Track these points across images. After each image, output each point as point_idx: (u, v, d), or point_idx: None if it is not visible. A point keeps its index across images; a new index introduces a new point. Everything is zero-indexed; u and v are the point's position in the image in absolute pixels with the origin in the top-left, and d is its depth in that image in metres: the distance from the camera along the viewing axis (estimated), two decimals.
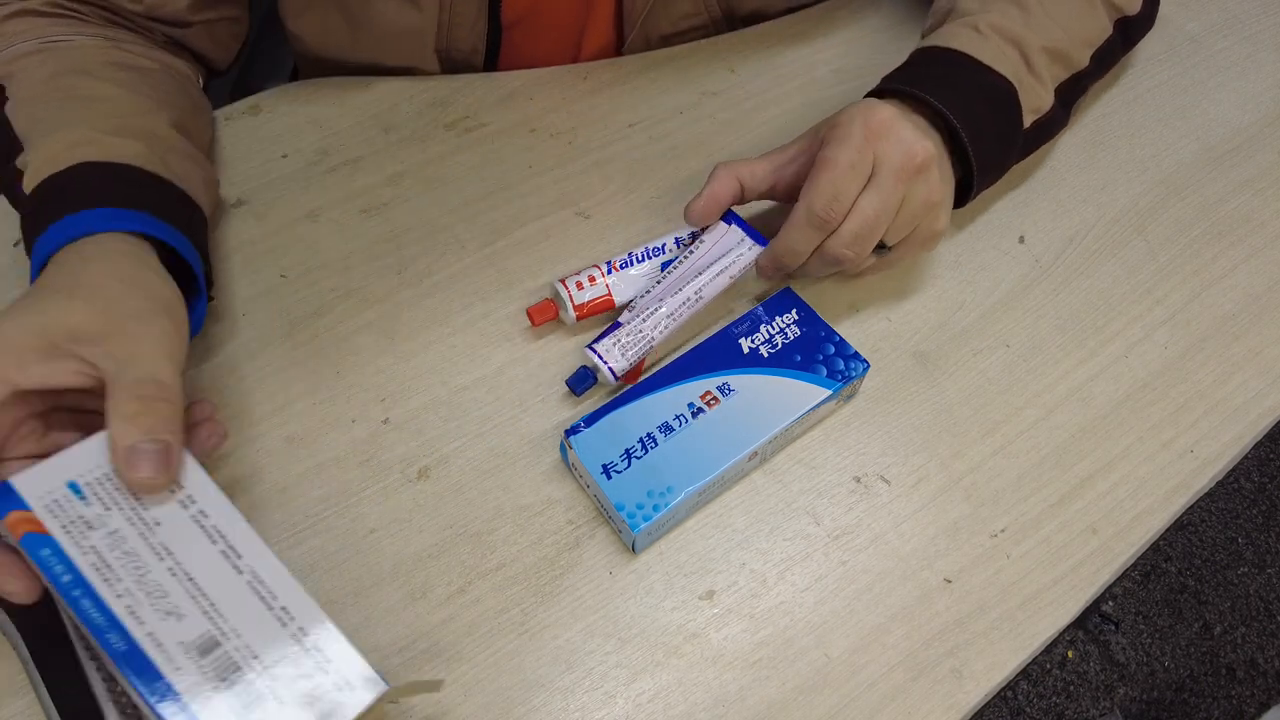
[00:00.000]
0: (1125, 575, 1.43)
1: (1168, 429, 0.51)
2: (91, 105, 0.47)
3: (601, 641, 0.43)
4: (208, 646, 0.34)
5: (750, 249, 0.51)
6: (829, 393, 0.47)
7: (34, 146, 0.45)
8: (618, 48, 0.66)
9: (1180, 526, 1.47)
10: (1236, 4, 0.71)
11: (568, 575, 0.45)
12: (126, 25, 0.54)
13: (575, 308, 0.50)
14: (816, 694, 0.43)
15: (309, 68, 0.66)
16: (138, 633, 0.34)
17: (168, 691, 0.33)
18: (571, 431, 0.45)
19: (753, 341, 0.48)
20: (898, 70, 0.54)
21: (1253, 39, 0.69)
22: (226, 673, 0.34)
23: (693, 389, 0.47)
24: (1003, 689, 0.76)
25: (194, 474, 0.38)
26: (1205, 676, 1.35)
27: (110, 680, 0.40)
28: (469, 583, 0.45)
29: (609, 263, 0.52)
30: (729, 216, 0.52)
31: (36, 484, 0.36)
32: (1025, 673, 1.33)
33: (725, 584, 0.45)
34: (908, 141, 0.46)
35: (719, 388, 0.47)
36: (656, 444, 0.45)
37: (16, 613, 0.41)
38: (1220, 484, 1.43)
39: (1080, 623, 1.39)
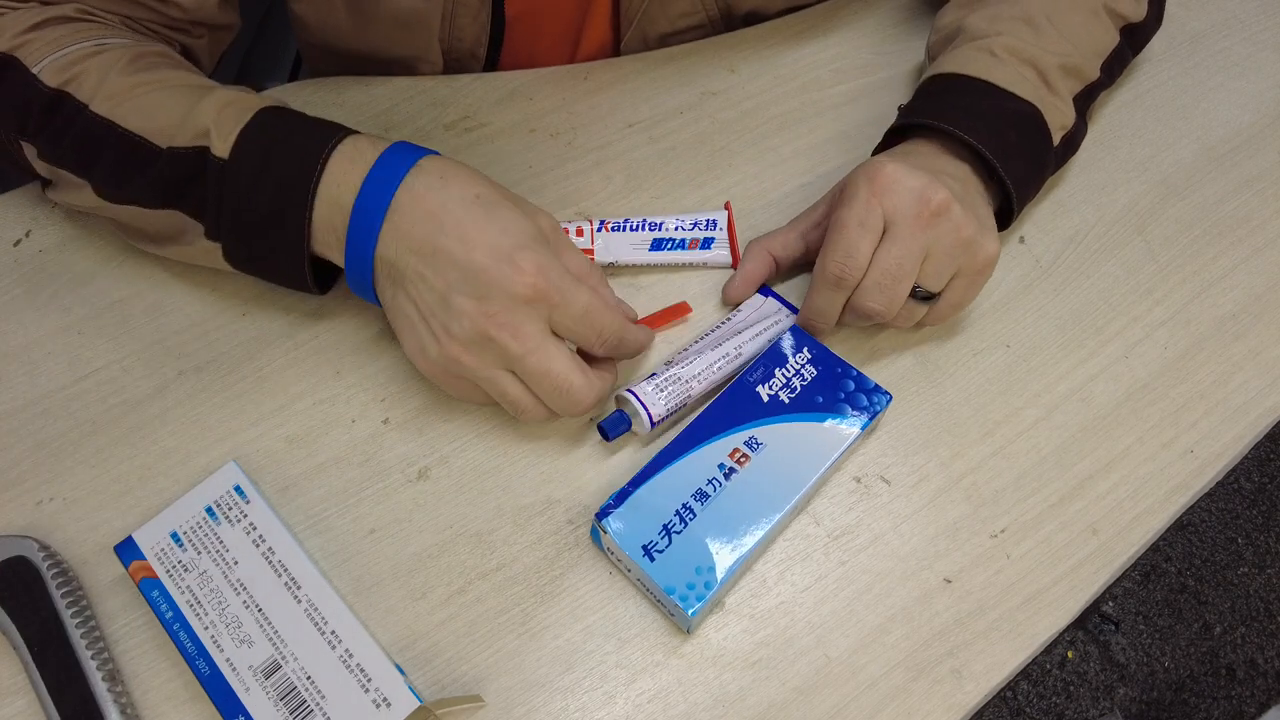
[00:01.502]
0: (1125, 575, 1.43)
1: (1168, 429, 0.51)
2: (200, 88, 0.47)
3: (601, 641, 0.43)
4: (271, 669, 0.39)
5: (787, 317, 0.52)
6: (857, 431, 0.46)
7: (190, 118, 0.45)
8: (615, 46, 0.66)
9: (1180, 527, 1.47)
10: (1237, 4, 0.71)
11: (568, 575, 0.45)
12: (146, 33, 0.53)
13: None
14: (816, 694, 0.43)
15: (311, 55, 0.66)
16: (218, 659, 0.40)
17: (239, 711, 0.39)
18: (602, 514, 0.43)
19: (771, 388, 0.47)
20: (916, 101, 0.53)
21: (1253, 39, 0.69)
22: (286, 692, 0.39)
23: (720, 448, 0.45)
24: (1003, 689, 0.76)
25: (264, 514, 0.43)
26: (1205, 677, 1.35)
27: (110, 680, 0.40)
28: (469, 583, 0.45)
29: (603, 221, 0.53)
30: (764, 290, 0.53)
31: (149, 536, 0.42)
32: (1025, 673, 1.33)
33: None
34: (917, 189, 0.46)
35: (746, 443, 0.45)
36: (695, 515, 0.43)
37: (16, 613, 0.41)
38: (1220, 484, 1.43)
39: (1080, 623, 1.39)
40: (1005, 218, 0.53)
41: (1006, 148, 0.50)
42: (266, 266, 0.47)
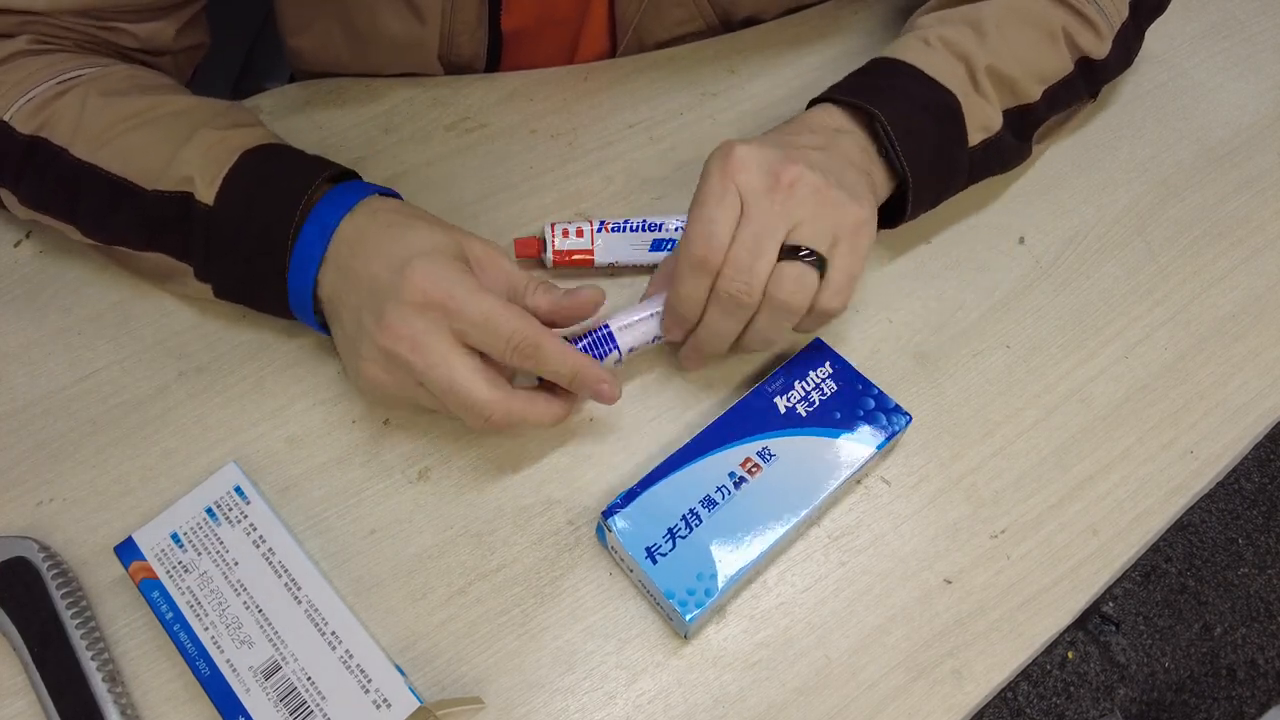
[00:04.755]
0: (1125, 576, 1.43)
1: (1168, 430, 0.51)
2: (180, 118, 0.47)
3: (602, 642, 0.43)
4: (271, 670, 0.39)
5: None
6: (873, 450, 0.45)
7: (174, 163, 0.45)
8: (612, 55, 0.66)
9: (1180, 527, 1.47)
10: (1236, 4, 0.71)
11: (568, 576, 0.45)
12: (106, 53, 0.52)
13: (555, 253, 0.52)
14: (816, 695, 0.43)
15: (307, 79, 0.66)
16: (219, 660, 0.40)
17: (239, 711, 0.39)
18: (608, 513, 0.43)
19: (789, 400, 0.46)
20: (844, 79, 0.52)
21: (1253, 39, 0.69)
22: (286, 693, 0.39)
23: (733, 456, 0.45)
24: (1003, 690, 0.76)
25: (264, 515, 0.43)
26: (1205, 677, 1.35)
27: (110, 681, 0.40)
28: (469, 583, 0.45)
29: (602, 222, 0.53)
30: None
31: (150, 537, 0.42)
32: (1025, 673, 1.33)
33: None
34: (769, 164, 0.43)
35: (759, 453, 0.45)
36: (701, 520, 0.43)
37: (16, 613, 0.41)
38: (1220, 485, 1.43)
39: (1080, 623, 1.38)
40: (899, 211, 0.51)
41: (911, 128, 0.48)
42: (257, 304, 0.48)
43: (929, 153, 0.49)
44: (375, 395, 0.45)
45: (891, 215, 0.52)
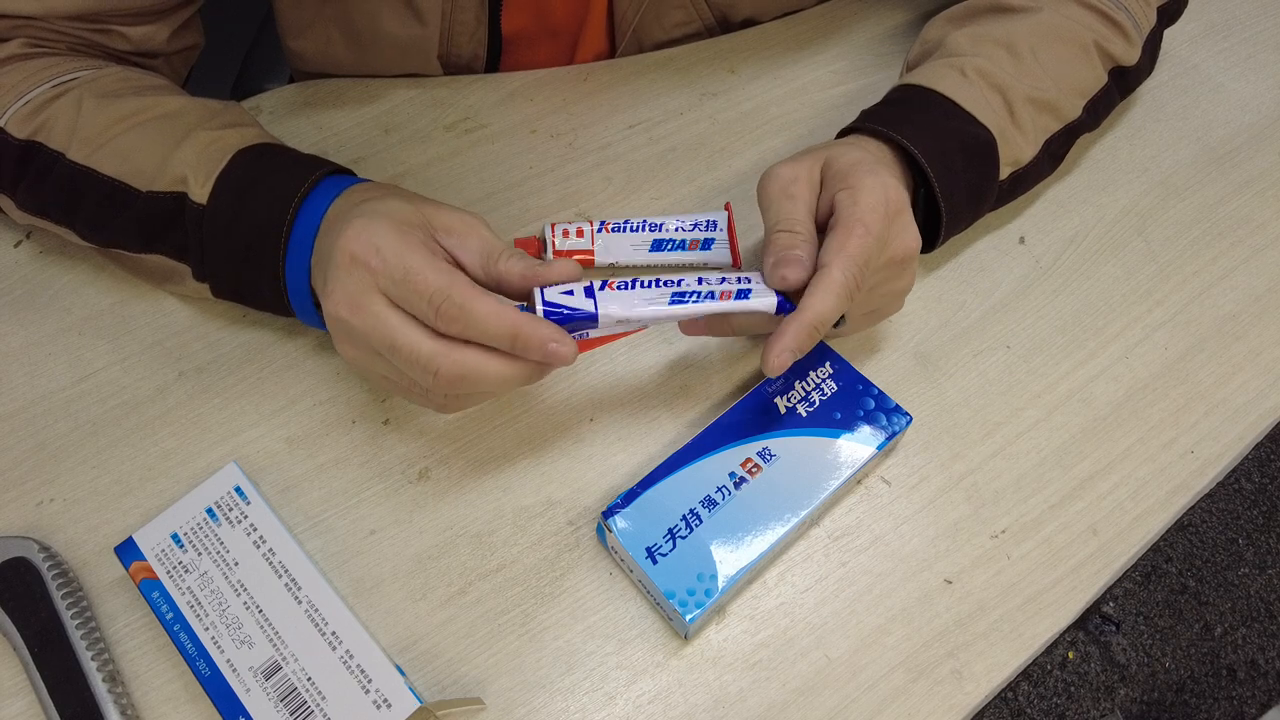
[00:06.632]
0: (1126, 576, 1.43)
1: (1168, 430, 0.51)
2: (174, 119, 0.47)
3: (602, 642, 0.43)
4: (272, 670, 0.40)
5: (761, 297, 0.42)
6: (873, 450, 0.46)
7: (169, 164, 0.45)
8: (611, 56, 0.66)
9: (1181, 527, 1.47)
10: (1236, 4, 0.71)
11: (568, 576, 0.45)
12: (99, 55, 0.52)
13: (555, 253, 0.52)
14: (817, 695, 0.43)
15: (306, 80, 0.66)
16: (219, 660, 0.40)
17: (239, 712, 0.39)
18: (609, 513, 0.43)
19: (789, 400, 0.46)
20: (877, 107, 0.52)
21: (1253, 39, 0.69)
22: (287, 693, 0.39)
23: (733, 456, 0.45)
24: (1003, 690, 0.76)
25: (264, 515, 0.43)
26: (1206, 677, 1.35)
27: (111, 681, 0.40)
28: (469, 584, 0.45)
29: (603, 222, 0.53)
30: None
31: (150, 537, 0.43)
32: (1026, 673, 1.33)
33: None
34: (911, 231, 0.44)
35: (759, 453, 0.45)
36: (701, 521, 0.43)
37: (17, 614, 0.41)
38: (1221, 485, 1.43)
39: (1081, 623, 1.38)
40: (929, 241, 0.51)
41: (952, 171, 0.49)
42: (254, 303, 0.48)
43: (963, 190, 0.50)
44: (362, 376, 0.44)
45: None
